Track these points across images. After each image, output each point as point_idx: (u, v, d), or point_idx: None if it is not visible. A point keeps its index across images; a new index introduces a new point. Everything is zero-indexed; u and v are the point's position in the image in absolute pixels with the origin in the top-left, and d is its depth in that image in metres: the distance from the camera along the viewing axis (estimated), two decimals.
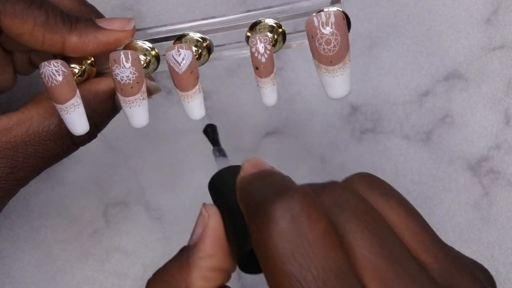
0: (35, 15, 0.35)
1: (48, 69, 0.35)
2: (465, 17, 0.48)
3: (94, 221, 0.48)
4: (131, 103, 0.36)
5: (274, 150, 0.48)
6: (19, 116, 0.37)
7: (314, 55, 0.34)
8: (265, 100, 0.36)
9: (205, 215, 0.31)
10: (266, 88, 0.36)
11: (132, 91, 0.35)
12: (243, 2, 0.47)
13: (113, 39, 0.36)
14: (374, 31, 0.48)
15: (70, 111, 0.35)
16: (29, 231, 0.48)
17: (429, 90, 0.48)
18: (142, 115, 0.36)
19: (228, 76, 0.48)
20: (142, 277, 0.49)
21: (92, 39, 0.36)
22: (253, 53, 0.35)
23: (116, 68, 0.35)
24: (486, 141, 0.49)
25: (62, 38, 0.36)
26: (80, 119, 0.36)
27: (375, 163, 0.48)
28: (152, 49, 0.38)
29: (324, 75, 0.34)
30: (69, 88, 0.35)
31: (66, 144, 0.38)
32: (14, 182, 0.37)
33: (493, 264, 0.49)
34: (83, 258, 0.49)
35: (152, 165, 0.48)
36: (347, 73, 0.34)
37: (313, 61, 0.34)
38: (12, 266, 0.48)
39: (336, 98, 0.35)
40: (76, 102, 0.35)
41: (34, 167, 0.37)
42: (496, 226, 0.50)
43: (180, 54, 0.35)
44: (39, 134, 0.37)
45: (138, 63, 0.35)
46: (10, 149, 0.36)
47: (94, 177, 0.48)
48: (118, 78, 0.35)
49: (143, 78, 0.36)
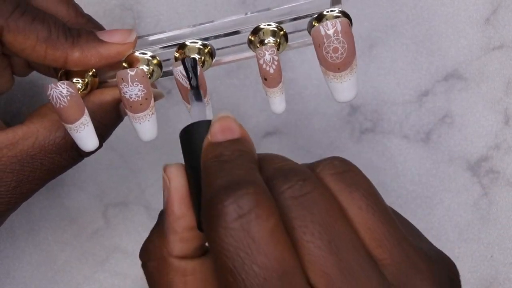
0: (38, 31, 0.35)
1: (55, 91, 0.35)
2: (465, 17, 0.48)
3: (94, 221, 0.48)
4: (141, 119, 0.36)
5: (274, 150, 0.48)
6: (24, 129, 0.37)
7: (321, 63, 0.35)
8: (274, 108, 0.37)
9: (166, 179, 0.30)
10: (275, 98, 0.36)
11: (142, 108, 0.36)
12: (243, 2, 0.47)
13: (115, 52, 0.36)
14: (374, 31, 0.48)
15: (80, 130, 0.36)
16: (29, 232, 0.48)
17: (428, 90, 0.48)
18: (151, 129, 0.37)
19: (228, 76, 0.48)
20: (142, 277, 0.49)
21: (94, 53, 0.36)
22: (261, 65, 0.35)
23: (124, 87, 0.35)
24: (485, 141, 0.49)
25: (64, 54, 0.36)
26: (90, 136, 0.36)
27: (375, 163, 0.48)
28: (153, 58, 0.38)
29: (332, 81, 0.35)
30: (77, 108, 0.35)
31: (71, 156, 0.38)
32: (20, 196, 0.37)
33: (493, 264, 0.49)
34: (83, 259, 0.49)
35: (152, 165, 0.48)
36: (354, 77, 0.35)
37: (320, 68, 0.35)
38: (12, 266, 0.48)
39: (344, 102, 0.36)
40: (85, 120, 0.36)
41: (40, 180, 0.37)
42: (495, 226, 0.50)
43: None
44: (45, 147, 0.37)
45: (145, 80, 0.35)
46: (16, 164, 0.36)
47: (94, 177, 0.48)
48: (127, 96, 0.35)
49: (151, 94, 0.36)
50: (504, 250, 0.49)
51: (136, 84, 0.35)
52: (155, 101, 0.39)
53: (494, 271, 0.49)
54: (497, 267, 0.49)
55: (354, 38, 0.34)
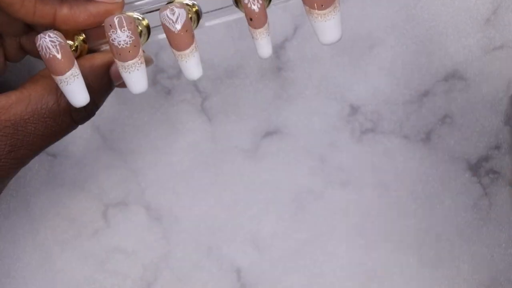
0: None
1: (44, 41, 0.35)
2: (465, 17, 0.48)
3: (94, 221, 0.48)
4: (130, 67, 0.36)
5: (274, 150, 0.48)
6: (17, 94, 0.37)
7: (305, 1, 0.35)
8: (261, 51, 0.37)
9: None
10: (262, 39, 0.36)
11: (130, 55, 0.36)
12: None
13: (104, 10, 0.37)
14: (374, 31, 0.48)
15: (70, 82, 0.36)
16: (29, 232, 0.48)
17: (429, 90, 0.48)
18: (141, 79, 0.37)
19: (228, 76, 0.48)
20: (142, 277, 0.49)
21: (82, 10, 0.36)
22: (245, 4, 0.35)
23: (112, 33, 0.35)
24: (485, 141, 0.49)
25: (53, 9, 0.36)
26: (80, 89, 0.36)
27: (375, 163, 0.48)
28: (143, 19, 0.38)
29: (316, 20, 0.35)
30: (67, 58, 0.35)
31: (65, 122, 0.38)
32: (14, 161, 0.37)
33: (493, 265, 0.49)
34: (83, 259, 0.49)
35: (152, 165, 0.48)
36: (338, 16, 0.35)
37: (304, 8, 0.35)
38: (12, 266, 0.48)
39: (330, 43, 0.36)
40: (75, 72, 0.36)
41: (34, 145, 0.38)
42: (495, 226, 0.50)
43: (174, 13, 0.35)
44: (38, 111, 0.37)
45: (133, 27, 0.36)
46: (10, 127, 0.37)
47: (94, 177, 0.48)
48: (115, 43, 0.35)
49: (139, 42, 0.36)
50: (505, 250, 0.49)
51: (124, 30, 0.35)
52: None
53: (494, 272, 0.49)
54: (497, 268, 0.49)
55: None
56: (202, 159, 0.48)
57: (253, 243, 0.49)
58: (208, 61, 0.47)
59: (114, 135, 0.48)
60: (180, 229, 0.49)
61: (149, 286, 0.49)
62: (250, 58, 0.48)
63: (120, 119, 0.48)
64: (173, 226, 0.49)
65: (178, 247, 0.49)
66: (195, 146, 0.48)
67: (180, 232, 0.49)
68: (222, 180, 0.48)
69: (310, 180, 0.49)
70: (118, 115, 0.48)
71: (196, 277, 0.49)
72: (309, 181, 0.49)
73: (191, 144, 0.48)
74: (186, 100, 0.48)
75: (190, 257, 0.49)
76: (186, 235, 0.49)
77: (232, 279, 0.49)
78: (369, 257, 0.49)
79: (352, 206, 0.48)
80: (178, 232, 0.49)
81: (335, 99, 0.48)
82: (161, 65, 0.47)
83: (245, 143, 0.48)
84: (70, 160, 0.48)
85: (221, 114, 0.48)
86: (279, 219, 0.49)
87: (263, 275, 0.49)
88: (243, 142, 0.48)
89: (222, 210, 0.49)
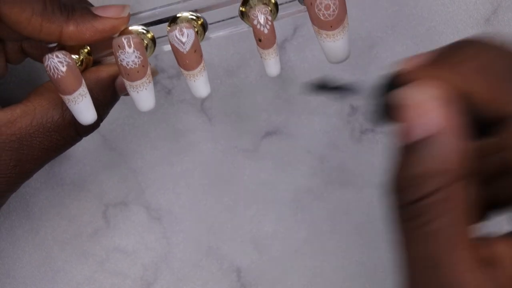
0: (33, 4, 0.35)
1: (52, 61, 0.35)
2: (465, 17, 0.48)
3: (94, 221, 0.48)
4: (138, 87, 0.36)
5: (274, 150, 0.48)
6: (22, 108, 0.37)
7: (313, 22, 0.35)
8: (269, 71, 0.37)
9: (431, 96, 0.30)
10: (270, 59, 0.37)
11: (139, 75, 0.36)
12: None
13: (110, 26, 0.37)
14: (374, 31, 0.48)
15: (78, 101, 0.36)
16: (29, 231, 0.48)
17: None
18: (149, 98, 0.37)
19: (228, 76, 0.48)
20: (142, 277, 0.49)
21: (89, 27, 0.36)
22: (255, 26, 0.35)
23: (121, 54, 0.35)
24: None
25: (59, 27, 0.36)
26: (88, 108, 0.36)
27: (375, 163, 0.48)
28: (147, 32, 0.38)
29: (325, 41, 0.35)
30: (75, 78, 0.35)
31: (70, 135, 0.38)
32: (19, 175, 0.37)
33: None
34: (83, 258, 0.49)
35: (152, 165, 0.48)
36: (346, 36, 0.35)
37: (313, 28, 0.35)
38: (12, 266, 0.48)
39: (338, 63, 0.36)
40: (83, 91, 0.36)
41: (39, 159, 0.38)
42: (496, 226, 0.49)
43: (183, 33, 0.35)
44: (43, 125, 0.37)
45: (141, 47, 0.36)
46: (15, 142, 0.36)
47: (94, 177, 0.48)
48: (124, 63, 0.35)
49: (147, 61, 0.36)
50: None
51: (132, 50, 0.35)
52: None
53: None
54: None
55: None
56: (202, 159, 0.48)
57: (253, 243, 0.49)
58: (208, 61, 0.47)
59: (114, 135, 0.48)
60: (180, 229, 0.49)
61: (149, 286, 0.49)
62: (250, 58, 0.48)
63: (120, 119, 0.48)
64: (173, 226, 0.49)
65: (178, 247, 0.49)
66: (195, 146, 0.48)
67: (180, 232, 0.49)
68: (222, 180, 0.48)
69: (310, 180, 0.49)
70: (118, 115, 0.48)
71: (196, 277, 0.49)
72: (309, 181, 0.49)
73: (191, 144, 0.48)
74: (186, 100, 0.48)
75: (190, 257, 0.49)
76: (186, 235, 0.49)
77: (232, 279, 0.49)
78: (369, 257, 0.49)
79: (352, 206, 0.48)
80: (178, 232, 0.49)
81: (335, 99, 0.48)
82: (161, 65, 0.47)
83: (245, 143, 0.48)
84: (70, 160, 0.48)
85: (221, 114, 0.48)
86: (279, 219, 0.49)
87: (263, 275, 0.49)
88: (243, 142, 0.48)
89: (222, 210, 0.49)
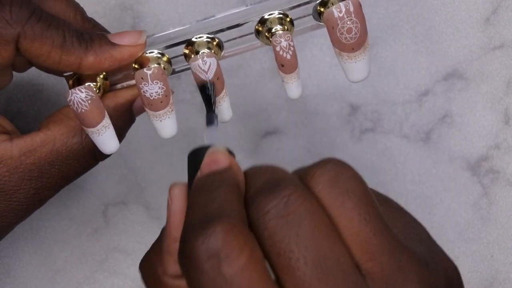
0: (53, 37, 0.35)
1: (76, 96, 0.35)
2: (465, 17, 0.48)
3: (94, 221, 0.49)
4: (161, 116, 0.37)
5: (274, 150, 0.48)
6: (41, 136, 0.37)
7: (335, 45, 0.35)
8: (291, 94, 0.37)
9: (169, 201, 0.30)
10: (292, 83, 0.37)
11: (162, 105, 0.36)
12: (243, 0, 0.47)
13: (128, 54, 0.36)
14: (374, 31, 0.48)
15: (102, 133, 0.36)
16: (29, 231, 0.48)
17: (428, 90, 0.48)
18: (172, 126, 0.37)
19: (228, 76, 0.48)
20: None
21: (107, 56, 0.36)
22: (277, 52, 0.36)
23: (144, 86, 0.35)
24: (485, 141, 0.49)
25: (79, 59, 0.36)
26: (111, 138, 0.37)
27: (375, 163, 0.48)
28: (163, 56, 0.38)
29: (346, 62, 0.36)
30: (98, 111, 0.36)
31: (88, 162, 0.38)
32: (38, 202, 0.37)
33: (493, 264, 0.49)
34: (82, 258, 0.49)
35: (152, 165, 0.48)
36: (367, 56, 0.36)
37: (333, 50, 0.35)
38: (12, 266, 0.48)
39: (358, 81, 0.36)
40: (107, 123, 0.36)
41: (57, 186, 0.38)
42: (495, 226, 0.50)
43: (206, 63, 0.36)
44: (62, 154, 0.37)
45: (164, 78, 0.36)
46: (35, 171, 0.36)
47: (93, 176, 0.48)
48: (147, 95, 0.36)
49: (170, 91, 0.36)
50: (504, 250, 0.49)
51: (156, 82, 0.36)
52: None
53: (494, 271, 0.49)
54: (497, 267, 0.49)
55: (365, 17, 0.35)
56: None
57: None
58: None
59: None
60: None
61: None
62: (250, 58, 0.48)
63: None
64: None
65: None
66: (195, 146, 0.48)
67: None
68: None
69: None
70: None
71: None
72: None
73: (191, 144, 0.48)
74: (186, 100, 0.48)
75: None
76: None
77: None
78: None
79: None
80: None
81: (335, 99, 0.48)
82: None
83: (245, 143, 0.48)
84: None
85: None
86: None
87: None
88: (243, 142, 0.48)
89: None
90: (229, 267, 0.25)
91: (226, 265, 0.25)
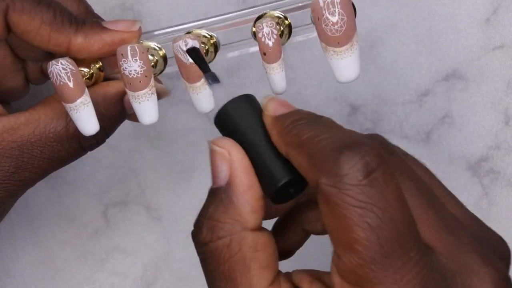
0: (43, 13, 0.35)
1: (56, 68, 0.35)
2: (465, 17, 0.48)
3: (94, 221, 0.49)
4: (140, 97, 0.36)
5: None
6: (26, 116, 0.37)
7: (321, 38, 0.34)
8: (274, 87, 0.36)
9: (224, 152, 0.30)
10: (275, 74, 0.36)
11: (141, 85, 0.35)
12: (243, 2, 0.47)
13: (119, 39, 0.36)
14: (374, 31, 0.48)
15: (80, 110, 0.35)
16: (28, 231, 0.48)
17: (429, 90, 0.48)
18: (151, 110, 0.36)
19: (228, 76, 0.48)
20: (142, 277, 0.49)
21: (97, 39, 0.36)
22: (259, 38, 0.35)
23: (124, 63, 0.35)
24: (486, 141, 0.49)
25: (68, 38, 0.36)
26: (90, 118, 0.36)
27: None
28: (159, 49, 0.38)
29: (332, 57, 0.34)
30: (78, 86, 0.35)
31: (72, 147, 0.38)
32: (18, 183, 0.37)
33: None
34: (82, 258, 0.49)
35: (152, 165, 0.48)
36: (355, 54, 0.34)
37: (320, 44, 0.34)
38: (12, 266, 0.48)
39: (346, 82, 0.35)
40: (85, 100, 0.36)
41: (39, 168, 0.37)
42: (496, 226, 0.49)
43: (187, 44, 0.35)
44: (45, 135, 0.37)
45: (145, 57, 0.35)
46: (16, 149, 0.36)
47: (94, 177, 0.48)
48: (126, 72, 0.35)
49: (151, 72, 0.36)
50: None
51: (135, 59, 0.35)
52: (160, 99, 0.38)
53: None
54: None
55: (354, 14, 0.34)
56: (202, 159, 0.48)
57: None
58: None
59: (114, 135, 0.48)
60: (180, 229, 0.49)
61: (149, 286, 0.49)
62: (250, 58, 0.48)
63: None
64: (173, 226, 0.49)
65: (178, 247, 0.49)
66: (195, 146, 0.48)
67: (180, 232, 0.49)
68: None
69: None
70: None
71: (196, 277, 0.49)
72: None
73: (191, 144, 0.48)
74: (186, 100, 0.48)
75: (190, 257, 0.49)
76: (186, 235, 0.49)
77: None
78: None
79: None
80: (178, 232, 0.49)
81: (335, 99, 0.48)
82: None
83: None
84: None
85: None
86: None
87: None
88: None
89: None
90: (388, 185, 0.26)
91: (384, 183, 0.26)
